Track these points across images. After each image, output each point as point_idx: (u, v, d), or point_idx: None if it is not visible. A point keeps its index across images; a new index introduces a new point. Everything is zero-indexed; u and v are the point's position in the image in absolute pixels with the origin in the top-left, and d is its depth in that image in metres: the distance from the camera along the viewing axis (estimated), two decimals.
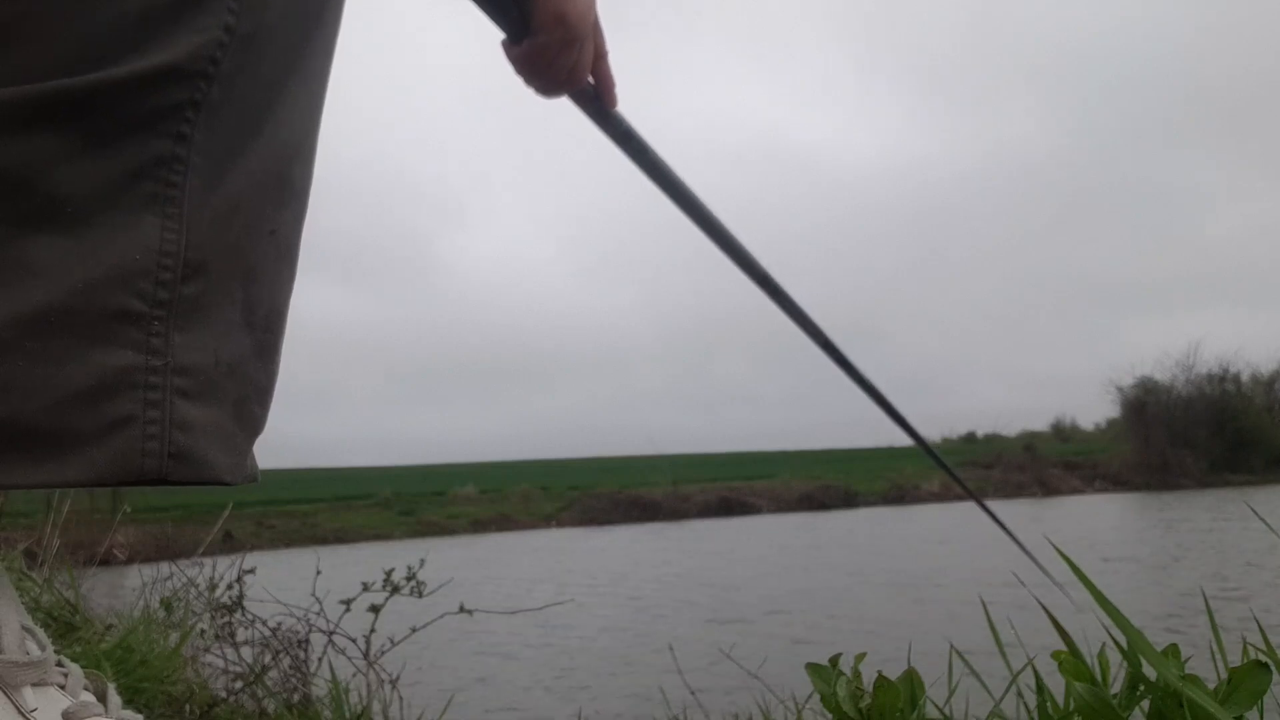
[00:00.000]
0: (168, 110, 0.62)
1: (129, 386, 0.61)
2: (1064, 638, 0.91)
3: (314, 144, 0.74)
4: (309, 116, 0.72)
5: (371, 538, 26.18)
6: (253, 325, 0.70)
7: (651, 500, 32.41)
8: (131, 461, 0.61)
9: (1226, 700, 0.77)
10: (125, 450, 0.61)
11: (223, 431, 0.67)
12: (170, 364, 0.63)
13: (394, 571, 2.56)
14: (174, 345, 0.63)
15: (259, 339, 0.71)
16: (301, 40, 0.69)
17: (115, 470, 0.61)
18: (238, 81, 0.64)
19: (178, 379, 0.63)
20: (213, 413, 0.66)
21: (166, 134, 0.62)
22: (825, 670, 0.98)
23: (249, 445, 0.72)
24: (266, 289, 0.71)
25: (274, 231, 0.70)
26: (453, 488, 33.98)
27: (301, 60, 0.69)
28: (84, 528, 3.52)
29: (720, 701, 2.45)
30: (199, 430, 0.65)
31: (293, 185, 0.71)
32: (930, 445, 1.50)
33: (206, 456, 0.65)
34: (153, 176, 0.62)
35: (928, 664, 1.10)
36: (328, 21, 0.71)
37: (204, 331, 0.65)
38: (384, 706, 2.28)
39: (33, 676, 0.67)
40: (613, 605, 10.84)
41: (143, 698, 1.71)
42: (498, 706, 5.85)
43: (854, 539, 19.98)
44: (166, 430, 0.63)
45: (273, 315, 0.72)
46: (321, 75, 0.73)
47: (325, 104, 0.75)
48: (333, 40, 0.73)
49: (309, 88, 0.71)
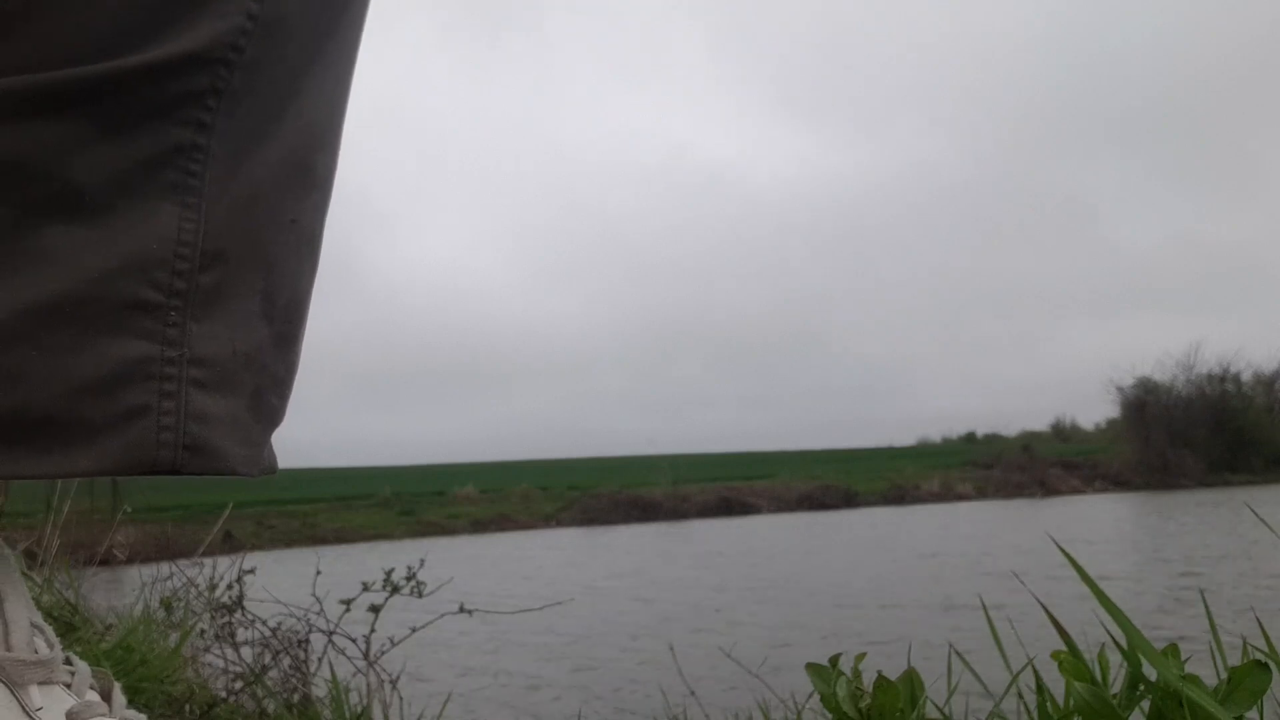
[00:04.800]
0: (189, 98, 0.61)
1: (144, 377, 0.61)
2: (1064, 637, 0.91)
3: (339, 132, 0.73)
4: (334, 103, 0.71)
5: (371, 538, 26.18)
6: (272, 316, 0.69)
7: (651, 500, 32.42)
8: (146, 452, 0.61)
9: (1226, 700, 0.77)
10: (139, 441, 0.61)
11: (239, 423, 0.66)
12: (186, 354, 0.62)
13: (394, 571, 2.57)
14: (190, 335, 0.63)
15: (278, 329, 0.70)
16: (328, 26, 0.68)
17: (129, 461, 0.60)
18: (261, 68, 0.63)
19: (194, 370, 0.63)
20: (229, 404, 0.65)
21: (187, 122, 0.61)
22: (825, 670, 0.98)
23: (266, 437, 0.71)
24: (287, 279, 0.70)
25: (296, 220, 0.69)
26: (453, 488, 33.99)
27: (327, 46, 0.68)
28: (84, 528, 3.51)
29: (721, 701, 2.45)
30: (214, 421, 0.64)
31: (315, 174, 0.70)
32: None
33: (222, 448, 0.65)
34: (172, 165, 0.61)
35: (928, 664, 1.10)
36: (355, 7, 0.70)
37: (221, 321, 0.64)
38: (384, 706, 2.28)
39: (39, 675, 0.67)
40: (613, 605, 10.84)
41: (143, 698, 1.70)
42: (497, 706, 5.85)
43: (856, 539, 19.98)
44: (181, 421, 0.62)
45: (293, 306, 0.71)
46: (348, 61, 0.72)
47: (351, 90, 0.74)
48: (360, 25, 0.72)
49: (335, 74, 0.70)
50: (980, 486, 34.94)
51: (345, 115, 0.73)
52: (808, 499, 33.47)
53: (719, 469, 39.09)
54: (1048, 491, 34.03)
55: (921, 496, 34.46)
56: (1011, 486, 34.38)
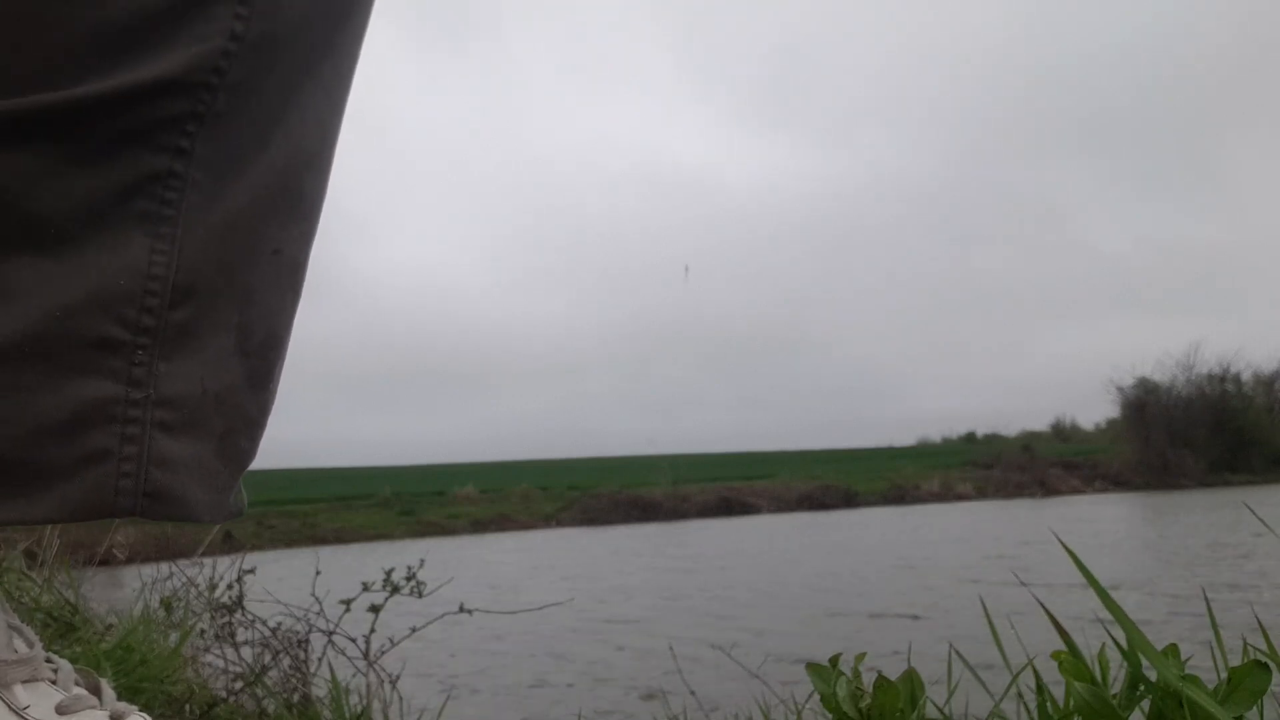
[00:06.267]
0: (165, 124, 0.59)
1: (105, 420, 0.58)
2: (1064, 637, 0.91)
3: (330, 154, 0.70)
4: (326, 126, 0.68)
5: (371, 538, 26.17)
6: (247, 351, 0.66)
7: (651, 500, 32.42)
8: (104, 499, 0.59)
9: (1226, 700, 0.77)
10: (98, 486, 0.58)
11: (205, 468, 0.64)
12: (152, 396, 0.60)
13: (394, 571, 2.56)
14: (157, 375, 0.60)
15: (252, 366, 0.67)
16: (322, 43, 0.65)
17: (87, 507, 0.58)
18: (248, 89, 0.61)
19: (159, 411, 0.60)
20: (195, 448, 0.63)
21: (164, 148, 0.59)
22: (825, 670, 0.98)
23: (234, 481, 0.68)
24: (265, 312, 0.67)
25: (278, 250, 0.66)
26: (453, 488, 33.99)
27: (322, 63, 0.65)
28: (84, 528, 3.51)
29: (721, 700, 2.45)
30: (179, 466, 0.61)
31: (302, 200, 0.67)
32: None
33: (184, 495, 0.62)
34: (145, 194, 0.59)
35: (927, 665, 1.10)
36: (352, 25, 0.67)
37: (192, 360, 0.62)
38: (384, 706, 2.28)
39: (23, 674, 0.66)
40: (613, 605, 10.84)
41: (143, 698, 1.70)
42: (497, 706, 5.85)
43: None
44: (143, 467, 0.60)
45: (270, 341, 0.68)
46: (344, 79, 0.69)
47: (347, 108, 0.71)
48: (358, 41, 0.69)
49: (328, 95, 0.67)
50: (980, 486, 34.94)
51: (339, 135, 0.70)
52: (808, 499, 33.45)
53: (719, 469, 39.09)
54: (1048, 491, 34.02)
55: (921, 496, 34.44)
56: (1011, 486, 34.37)
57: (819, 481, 35.46)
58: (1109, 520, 20.89)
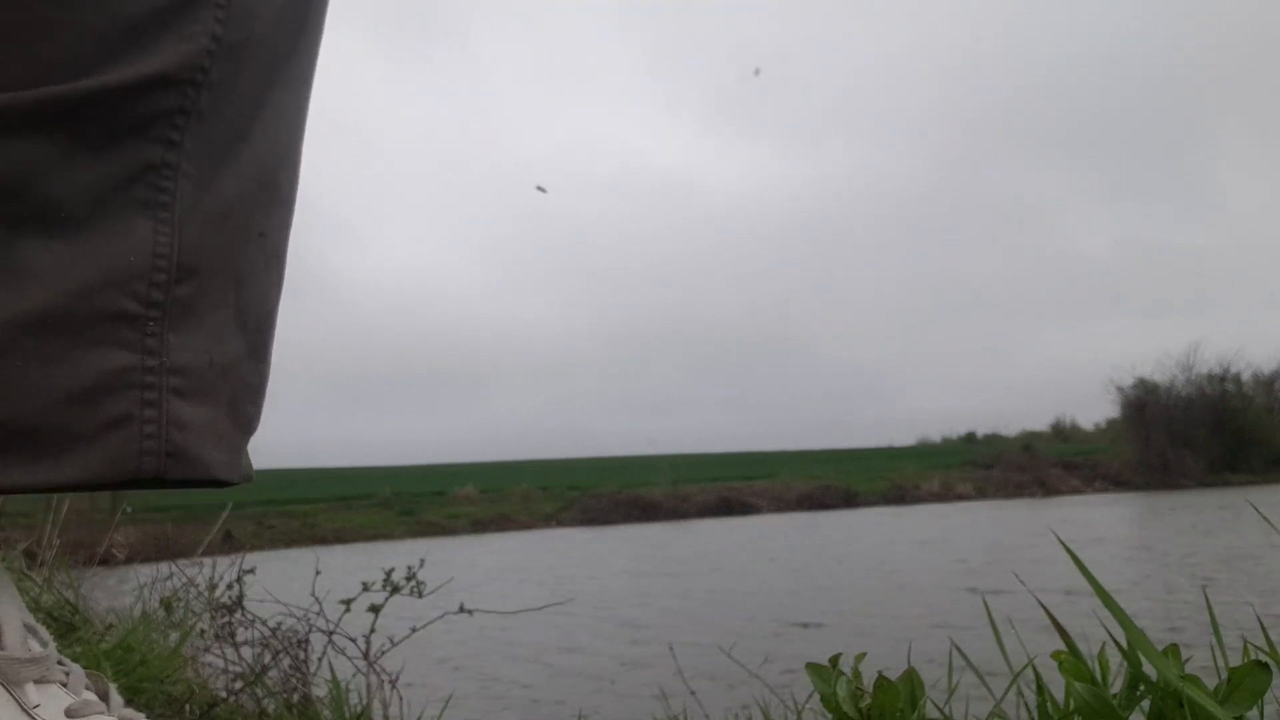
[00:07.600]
0: (158, 117, 0.63)
1: (125, 386, 0.62)
2: (1064, 637, 0.91)
3: (300, 150, 0.75)
4: (295, 123, 0.74)
5: (371, 538, 26.18)
6: (245, 327, 0.70)
7: (651, 500, 32.42)
8: (129, 460, 0.62)
9: (1226, 700, 0.77)
10: (123, 449, 0.62)
11: (218, 430, 0.68)
12: (166, 364, 0.64)
13: (394, 571, 2.56)
14: (169, 345, 0.64)
15: (251, 340, 0.72)
16: (287, 48, 0.70)
17: (113, 469, 0.61)
18: (226, 89, 0.65)
19: (173, 379, 0.64)
20: (208, 412, 0.67)
21: (157, 140, 0.63)
22: (825, 670, 0.98)
23: (244, 444, 0.72)
24: (257, 292, 0.72)
25: (263, 235, 0.71)
26: (453, 488, 33.98)
27: (287, 68, 0.71)
28: (84, 528, 3.52)
29: (720, 700, 2.45)
30: (195, 429, 0.65)
31: (280, 190, 0.73)
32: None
33: (203, 455, 0.66)
34: (144, 181, 0.63)
35: (927, 665, 1.10)
36: (311, 30, 0.73)
37: (197, 333, 0.66)
38: (384, 706, 2.28)
39: (35, 673, 0.67)
40: (613, 605, 10.83)
41: (143, 698, 1.70)
42: (497, 706, 5.85)
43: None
44: (163, 429, 0.63)
45: (263, 317, 0.73)
46: (306, 82, 0.74)
47: (309, 111, 0.76)
48: (316, 48, 0.75)
49: (295, 95, 0.73)
50: (980, 486, 34.94)
51: (305, 133, 0.76)
52: (808, 499, 33.46)
53: (719, 469, 39.08)
54: (1048, 491, 34.02)
55: (921, 496, 34.44)
56: (1011, 486, 34.38)
57: (819, 481, 35.46)
58: (1109, 521, 20.88)
